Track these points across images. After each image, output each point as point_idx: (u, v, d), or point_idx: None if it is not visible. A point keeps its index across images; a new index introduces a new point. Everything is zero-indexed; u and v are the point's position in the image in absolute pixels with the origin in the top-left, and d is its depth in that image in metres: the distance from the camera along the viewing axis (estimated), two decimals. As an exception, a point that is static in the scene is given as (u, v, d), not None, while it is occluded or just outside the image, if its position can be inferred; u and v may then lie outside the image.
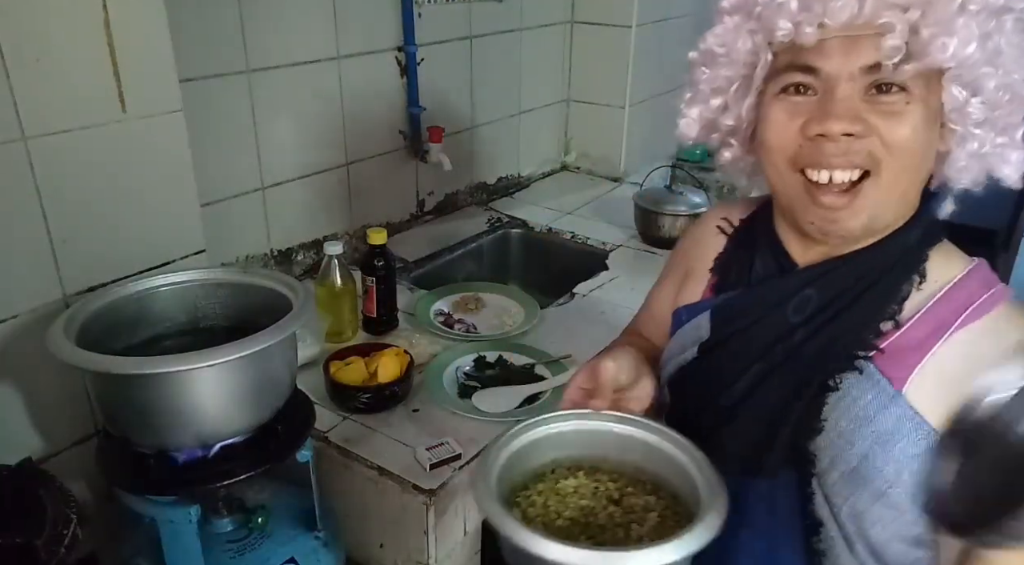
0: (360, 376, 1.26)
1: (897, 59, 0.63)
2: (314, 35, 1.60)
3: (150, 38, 1.08)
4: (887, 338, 0.72)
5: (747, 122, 0.78)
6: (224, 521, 1.05)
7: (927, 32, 0.63)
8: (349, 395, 1.23)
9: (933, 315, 0.71)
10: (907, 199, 0.72)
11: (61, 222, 1.05)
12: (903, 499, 0.69)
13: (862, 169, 0.68)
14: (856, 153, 0.67)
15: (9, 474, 0.92)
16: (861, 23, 0.64)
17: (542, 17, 2.23)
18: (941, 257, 0.74)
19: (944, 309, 0.70)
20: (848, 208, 0.69)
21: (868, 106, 0.66)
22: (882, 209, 0.70)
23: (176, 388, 0.88)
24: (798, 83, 0.69)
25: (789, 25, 0.66)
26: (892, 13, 0.63)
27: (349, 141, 1.75)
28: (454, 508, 1.14)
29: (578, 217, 2.15)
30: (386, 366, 1.25)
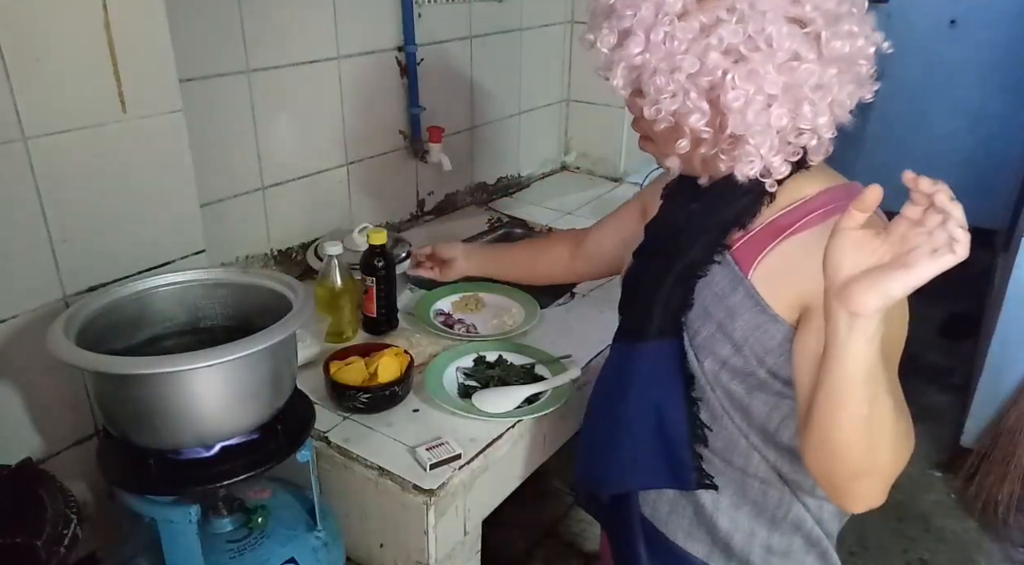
0: (360, 376, 1.25)
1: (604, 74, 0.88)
2: (314, 35, 1.60)
3: (150, 38, 1.08)
4: (739, 240, 0.90)
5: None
6: (224, 521, 1.05)
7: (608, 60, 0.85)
8: (349, 395, 1.22)
9: (776, 223, 0.88)
10: (719, 154, 0.86)
11: (61, 222, 1.05)
12: (749, 358, 0.88)
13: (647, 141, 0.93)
14: (640, 131, 0.93)
15: (9, 474, 0.92)
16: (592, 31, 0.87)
17: (542, 17, 2.24)
18: (800, 181, 0.88)
19: (786, 219, 0.88)
20: (653, 157, 0.95)
21: (632, 103, 0.89)
22: (692, 167, 0.91)
23: (176, 388, 0.88)
24: None
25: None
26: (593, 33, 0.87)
27: (349, 141, 1.75)
28: (454, 508, 1.14)
29: (578, 217, 2.15)
30: (386, 366, 1.25)
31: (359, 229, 1.59)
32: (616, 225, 1.27)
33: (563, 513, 2.15)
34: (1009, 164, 3.63)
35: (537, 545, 2.04)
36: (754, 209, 0.90)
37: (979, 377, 2.30)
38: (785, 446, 0.92)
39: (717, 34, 0.76)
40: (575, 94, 2.45)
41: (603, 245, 1.30)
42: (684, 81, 0.79)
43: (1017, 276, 2.15)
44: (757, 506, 0.96)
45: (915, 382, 2.83)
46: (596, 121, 2.44)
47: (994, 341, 2.23)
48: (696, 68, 0.78)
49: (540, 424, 1.28)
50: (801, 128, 0.81)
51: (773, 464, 0.93)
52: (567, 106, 2.48)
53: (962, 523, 2.20)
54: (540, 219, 2.12)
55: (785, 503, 0.95)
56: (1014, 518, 2.18)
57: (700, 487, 0.97)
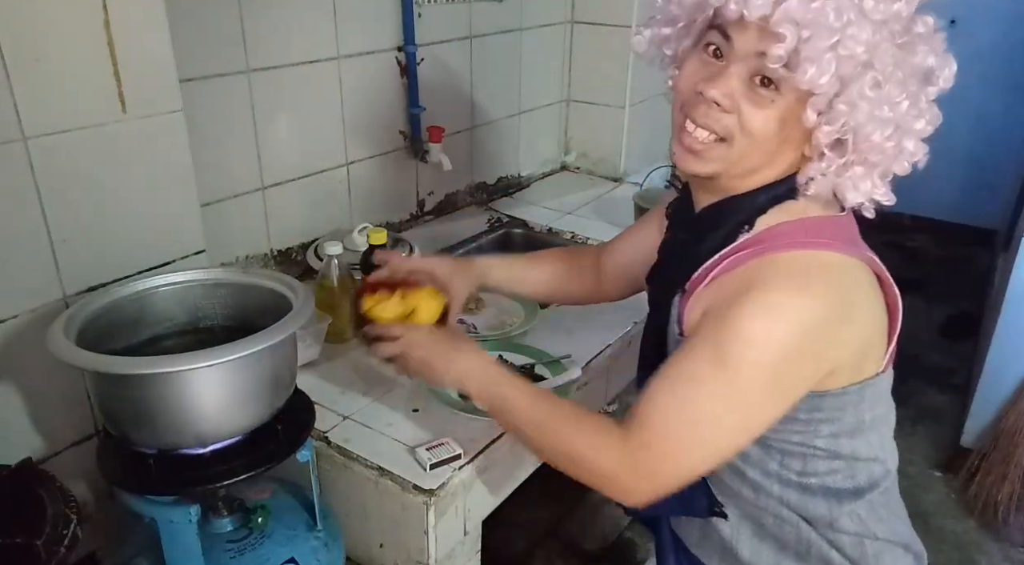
0: (397, 315, 1.07)
1: (777, 66, 0.76)
2: (314, 35, 1.60)
3: (150, 38, 1.08)
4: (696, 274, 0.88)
5: (680, 60, 0.90)
6: (224, 521, 1.05)
7: (803, 53, 0.74)
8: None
9: (721, 258, 0.86)
10: (761, 173, 0.85)
11: (61, 222, 1.05)
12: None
13: (718, 136, 0.82)
14: (717, 121, 0.81)
15: (9, 474, 0.92)
16: (767, 24, 0.76)
17: (542, 17, 2.24)
18: (779, 211, 0.85)
19: (729, 253, 0.85)
20: (699, 156, 0.84)
21: (745, 92, 0.80)
22: (728, 171, 0.84)
23: (176, 388, 0.88)
24: (716, 46, 0.82)
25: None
26: (788, 27, 0.74)
27: (349, 141, 1.75)
28: (454, 508, 1.14)
29: (578, 217, 2.15)
30: (428, 306, 1.08)
31: (359, 229, 1.59)
32: (631, 240, 1.22)
33: (563, 513, 2.15)
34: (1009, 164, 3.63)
35: (537, 545, 2.04)
36: (730, 241, 0.87)
37: (979, 377, 2.30)
38: (791, 481, 0.89)
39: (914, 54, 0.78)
40: (575, 94, 2.45)
41: (620, 262, 1.23)
42: (883, 94, 0.77)
43: (1017, 276, 2.15)
44: (779, 541, 0.93)
45: (915, 382, 2.83)
46: (596, 121, 2.44)
47: (994, 341, 2.23)
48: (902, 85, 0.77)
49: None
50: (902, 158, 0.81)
51: (779, 497, 0.91)
52: (567, 106, 2.48)
53: (962, 523, 2.20)
54: (540, 219, 2.12)
55: (804, 538, 0.91)
56: (1014, 518, 2.18)
57: (712, 515, 0.95)
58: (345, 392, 1.30)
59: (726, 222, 0.87)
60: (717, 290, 0.84)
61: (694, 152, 0.84)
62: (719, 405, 0.79)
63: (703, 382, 0.79)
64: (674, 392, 0.81)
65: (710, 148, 0.83)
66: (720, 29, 0.80)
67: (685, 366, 0.81)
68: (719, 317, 0.80)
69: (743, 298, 0.78)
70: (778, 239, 0.83)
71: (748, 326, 0.77)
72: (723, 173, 0.85)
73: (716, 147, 0.83)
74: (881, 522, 0.92)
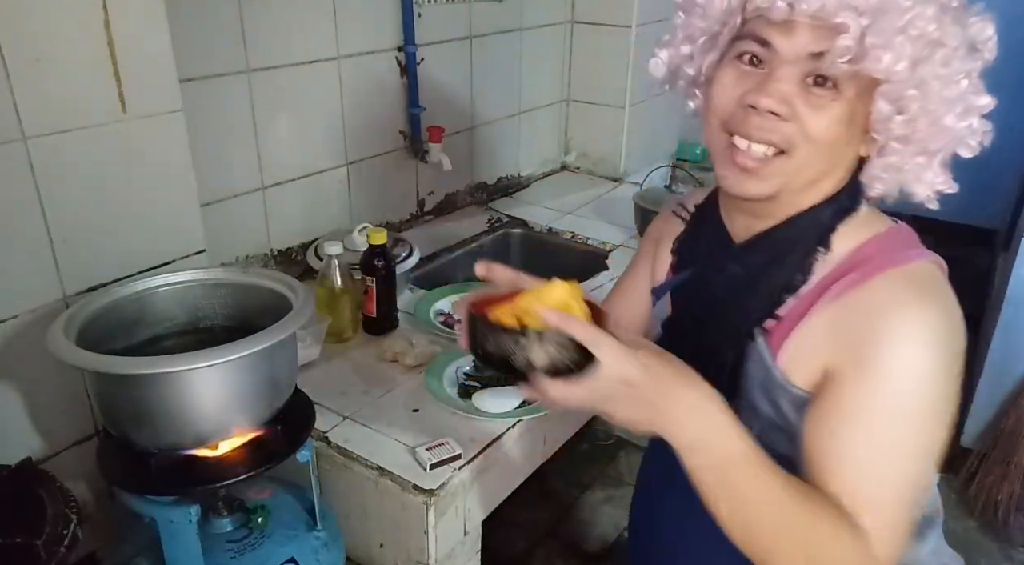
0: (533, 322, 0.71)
1: (844, 59, 0.68)
2: (314, 35, 1.60)
3: (150, 38, 1.08)
4: (784, 308, 0.78)
5: (705, 77, 0.82)
6: (224, 521, 1.05)
7: (869, 41, 0.68)
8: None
9: (820, 286, 0.76)
10: (818, 185, 0.77)
11: (61, 222, 1.05)
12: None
13: (778, 148, 0.73)
14: (775, 132, 0.72)
15: (9, 474, 0.92)
16: (824, 15, 0.68)
17: (542, 17, 2.24)
18: (853, 226, 0.77)
19: (829, 280, 0.75)
20: (756, 175, 0.75)
21: (800, 94, 0.72)
22: (789, 186, 0.75)
23: (176, 388, 0.88)
24: (752, 54, 0.74)
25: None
26: (848, 15, 0.67)
27: (349, 141, 1.75)
28: (454, 508, 1.14)
29: (578, 217, 2.15)
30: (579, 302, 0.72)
31: (359, 229, 1.59)
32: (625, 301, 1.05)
33: (563, 513, 2.15)
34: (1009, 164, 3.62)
35: (537, 545, 2.04)
36: (806, 265, 0.77)
37: (979, 377, 2.30)
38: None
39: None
40: (575, 94, 2.45)
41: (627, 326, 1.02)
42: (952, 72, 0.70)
43: (1017, 276, 2.15)
44: None
45: (915, 382, 2.83)
46: (596, 121, 2.44)
47: (994, 341, 2.23)
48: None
49: (540, 424, 1.28)
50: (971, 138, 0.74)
51: None
52: (567, 106, 2.48)
53: (962, 523, 2.20)
54: (540, 219, 2.12)
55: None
56: (1014, 518, 2.17)
57: None
58: (345, 392, 1.30)
59: (794, 247, 0.78)
60: (837, 325, 0.73)
61: (750, 171, 0.74)
62: (921, 455, 0.72)
63: (904, 443, 0.71)
64: (887, 466, 0.71)
65: (768, 164, 0.74)
66: (754, 36, 0.73)
67: (878, 433, 0.70)
68: (876, 361, 0.70)
69: (891, 328, 0.70)
70: (885, 255, 0.75)
71: (914, 361, 0.69)
72: (783, 189, 0.76)
73: (775, 161, 0.74)
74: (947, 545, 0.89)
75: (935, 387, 0.70)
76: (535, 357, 0.68)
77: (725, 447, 0.68)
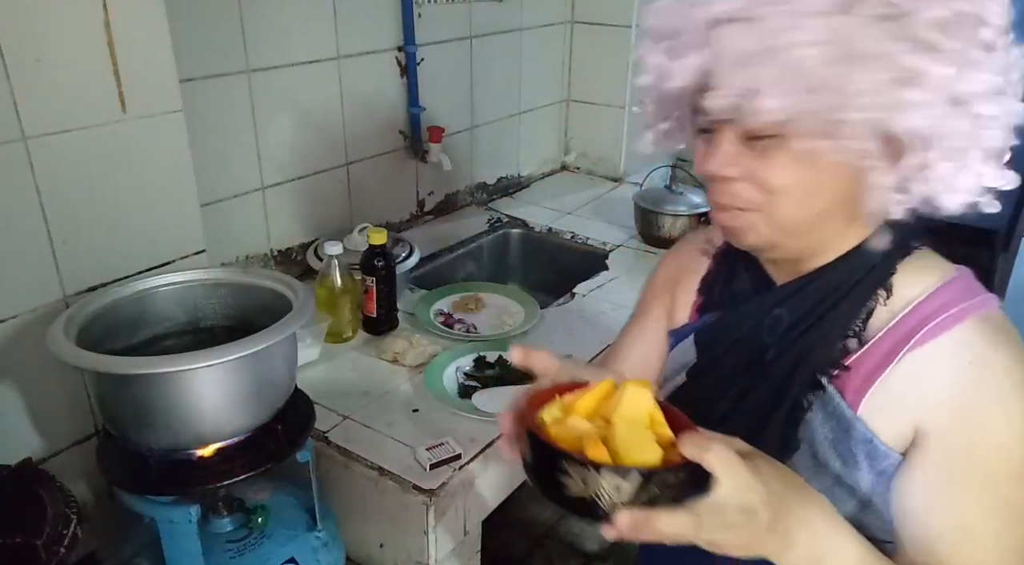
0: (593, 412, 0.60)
1: (726, 117, 0.64)
2: (314, 35, 1.60)
3: (150, 38, 1.08)
4: (851, 356, 0.71)
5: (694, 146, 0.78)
6: (224, 521, 1.05)
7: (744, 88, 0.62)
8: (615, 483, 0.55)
9: (895, 333, 0.69)
10: (835, 222, 0.70)
11: (61, 222, 1.05)
12: (881, 517, 0.70)
13: (744, 208, 0.69)
14: (736, 196, 0.68)
15: (9, 474, 0.92)
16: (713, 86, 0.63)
17: (542, 17, 2.24)
18: (914, 270, 0.71)
19: (906, 326, 0.69)
20: (741, 230, 0.71)
21: (747, 150, 0.67)
22: (786, 235, 0.70)
23: (176, 388, 0.88)
24: (701, 126, 0.70)
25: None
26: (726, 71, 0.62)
27: (349, 141, 1.75)
28: (454, 508, 1.14)
29: (578, 217, 2.15)
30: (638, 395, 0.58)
31: (359, 229, 1.59)
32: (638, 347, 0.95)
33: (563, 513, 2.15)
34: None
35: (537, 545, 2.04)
36: (866, 309, 0.71)
37: (979, 377, 2.29)
38: None
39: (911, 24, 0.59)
40: (575, 94, 2.45)
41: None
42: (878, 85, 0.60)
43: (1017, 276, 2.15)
44: None
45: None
46: (596, 121, 2.44)
47: (994, 341, 2.22)
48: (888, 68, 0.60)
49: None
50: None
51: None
52: (567, 106, 2.47)
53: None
54: (540, 219, 2.12)
55: None
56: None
57: None
58: (345, 392, 1.30)
59: (851, 290, 0.72)
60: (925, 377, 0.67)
61: (735, 228, 0.71)
62: None
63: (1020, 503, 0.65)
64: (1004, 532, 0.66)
65: (741, 217, 0.70)
66: (693, 106, 0.69)
67: (992, 496, 0.65)
68: (976, 416, 0.65)
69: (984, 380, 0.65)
70: (960, 301, 0.69)
71: (1014, 413, 0.65)
72: (781, 242, 0.71)
73: (748, 215, 0.69)
74: None
75: None
76: (636, 499, 0.54)
77: (839, 558, 0.61)
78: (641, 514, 0.53)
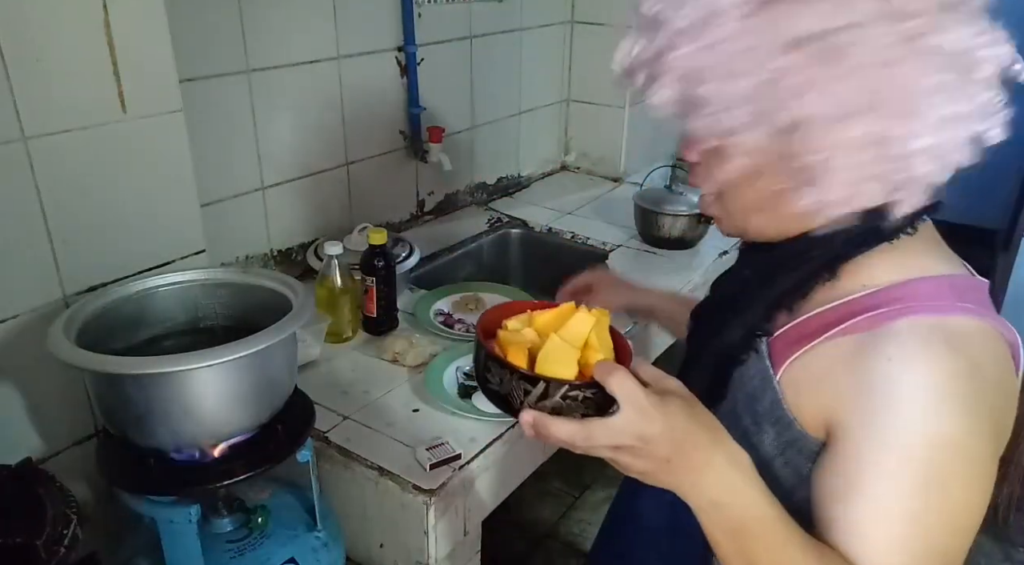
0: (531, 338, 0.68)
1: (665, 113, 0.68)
2: (314, 35, 1.60)
3: (150, 38, 1.08)
4: (783, 324, 0.74)
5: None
6: (224, 521, 1.05)
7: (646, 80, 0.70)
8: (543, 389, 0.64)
9: (828, 315, 0.70)
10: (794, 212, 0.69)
11: (61, 222, 1.05)
12: (780, 480, 0.72)
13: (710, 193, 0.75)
14: (698, 177, 0.74)
15: (9, 474, 0.92)
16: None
17: (542, 17, 2.23)
18: (891, 262, 0.70)
19: (846, 310, 0.69)
20: (717, 219, 0.78)
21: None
22: (750, 222, 0.75)
23: (176, 388, 0.88)
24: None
25: None
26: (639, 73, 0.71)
27: (349, 141, 1.75)
28: (454, 508, 1.14)
29: (578, 217, 2.15)
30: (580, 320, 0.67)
31: (359, 229, 1.59)
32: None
33: (563, 513, 2.15)
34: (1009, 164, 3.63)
35: (537, 545, 2.04)
36: (805, 288, 0.73)
37: (979, 377, 2.30)
38: None
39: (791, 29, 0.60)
40: (575, 94, 2.45)
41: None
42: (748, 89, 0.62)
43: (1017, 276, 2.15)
44: None
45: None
46: (596, 121, 2.44)
47: (994, 341, 2.23)
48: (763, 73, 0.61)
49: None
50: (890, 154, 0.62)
51: None
52: (567, 106, 2.47)
53: (962, 523, 2.20)
54: (540, 219, 2.12)
55: None
56: (1014, 518, 2.18)
57: None
58: (345, 392, 1.30)
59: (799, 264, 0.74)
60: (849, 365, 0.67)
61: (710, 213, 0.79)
62: (948, 528, 0.64)
63: (926, 515, 0.64)
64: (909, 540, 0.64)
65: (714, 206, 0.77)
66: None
67: (894, 505, 0.64)
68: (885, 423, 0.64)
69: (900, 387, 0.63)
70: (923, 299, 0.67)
71: (926, 428, 0.63)
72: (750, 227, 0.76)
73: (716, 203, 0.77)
74: None
75: (956, 455, 0.63)
76: (543, 405, 0.63)
77: (743, 511, 0.64)
78: (540, 416, 0.62)
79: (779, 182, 0.67)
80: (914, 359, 0.64)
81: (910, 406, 0.63)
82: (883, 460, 0.64)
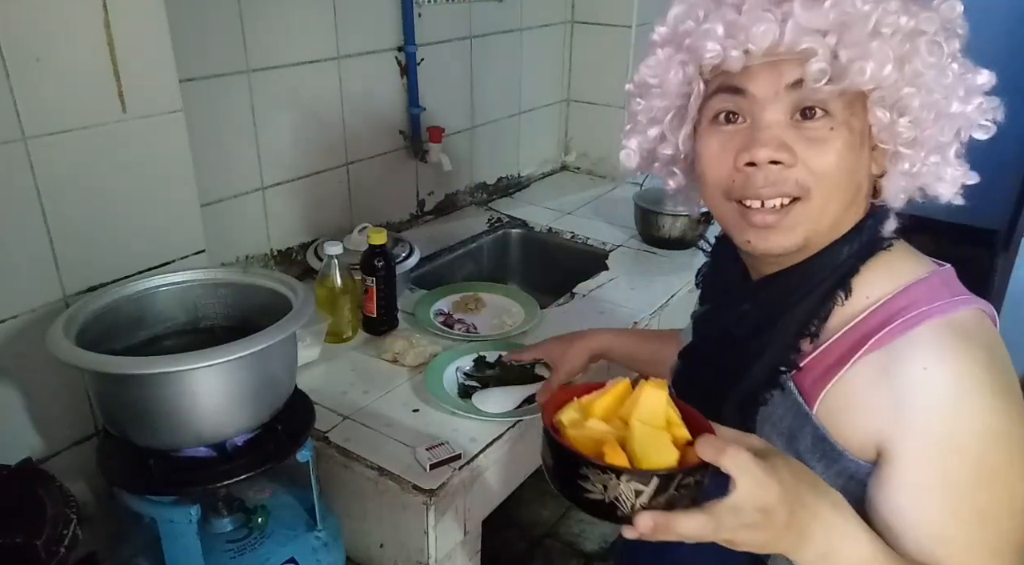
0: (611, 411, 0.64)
1: (823, 82, 0.65)
2: (314, 35, 1.60)
3: (150, 38, 1.08)
4: (807, 355, 0.72)
5: (684, 152, 0.80)
6: (224, 521, 1.05)
7: (845, 56, 0.65)
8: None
9: (852, 335, 0.70)
10: (838, 220, 0.72)
11: (61, 222, 1.05)
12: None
13: (792, 196, 0.70)
14: (784, 182, 0.69)
15: (9, 474, 0.92)
16: (783, 50, 0.66)
17: (542, 17, 2.23)
18: (883, 270, 0.72)
19: (865, 328, 0.69)
20: (780, 227, 0.71)
21: (794, 133, 0.68)
22: (815, 229, 0.71)
23: (176, 388, 0.88)
24: (728, 111, 0.71)
25: (717, 47, 0.68)
26: (812, 38, 0.65)
27: (349, 141, 1.75)
28: (454, 508, 1.14)
29: (578, 217, 2.15)
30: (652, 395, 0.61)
31: (359, 229, 1.59)
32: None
33: (563, 513, 2.15)
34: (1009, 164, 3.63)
35: (537, 545, 2.04)
36: (824, 310, 0.72)
37: (979, 377, 2.29)
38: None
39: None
40: (575, 94, 2.45)
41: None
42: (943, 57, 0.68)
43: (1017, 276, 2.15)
44: None
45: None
46: (596, 121, 2.44)
47: (994, 341, 2.23)
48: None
49: (540, 424, 1.28)
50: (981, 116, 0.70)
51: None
52: (567, 106, 2.47)
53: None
54: (540, 219, 2.12)
55: None
56: None
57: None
58: (345, 392, 1.30)
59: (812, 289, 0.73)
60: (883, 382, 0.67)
61: (771, 226, 0.71)
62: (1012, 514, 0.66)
63: (991, 508, 0.65)
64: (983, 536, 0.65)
65: (788, 213, 0.70)
66: (725, 87, 0.71)
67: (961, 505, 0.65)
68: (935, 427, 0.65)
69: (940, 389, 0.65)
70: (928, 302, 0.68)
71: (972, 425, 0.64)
72: (812, 234, 0.72)
73: (794, 208, 0.70)
74: None
75: (1004, 441, 0.64)
76: (656, 502, 0.56)
77: (853, 554, 0.62)
78: (661, 516, 0.55)
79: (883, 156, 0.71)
80: (943, 362, 0.65)
81: (954, 408, 0.64)
82: (942, 465, 0.65)
